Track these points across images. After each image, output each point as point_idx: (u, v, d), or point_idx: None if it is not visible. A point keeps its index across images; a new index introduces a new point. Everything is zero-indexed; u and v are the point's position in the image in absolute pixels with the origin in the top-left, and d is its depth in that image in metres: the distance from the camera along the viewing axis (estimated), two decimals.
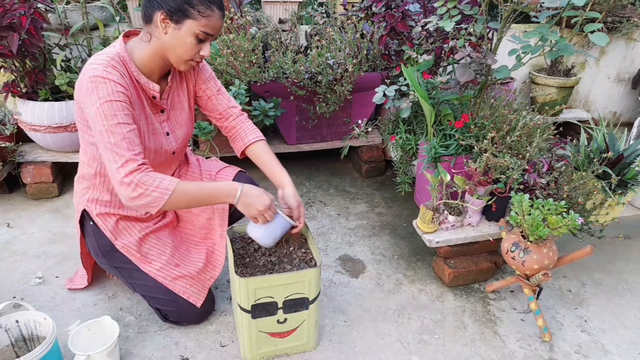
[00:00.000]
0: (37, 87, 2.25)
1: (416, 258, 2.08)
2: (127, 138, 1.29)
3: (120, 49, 1.36)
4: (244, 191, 1.38)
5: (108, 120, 1.27)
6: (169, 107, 1.53)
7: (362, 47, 2.38)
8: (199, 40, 1.32)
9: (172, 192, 1.29)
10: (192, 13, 1.27)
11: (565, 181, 1.76)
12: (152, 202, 1.29)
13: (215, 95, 1.61)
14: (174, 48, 1.33)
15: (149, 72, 1.42)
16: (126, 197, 1.29)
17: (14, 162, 2.31)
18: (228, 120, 1.65)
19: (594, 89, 3.46)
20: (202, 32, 1.30)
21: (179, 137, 1.57)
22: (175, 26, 1.29)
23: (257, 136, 1.63)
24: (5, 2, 1.99)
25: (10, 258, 1.94)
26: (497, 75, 1.73)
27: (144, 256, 1.54)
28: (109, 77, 1.29)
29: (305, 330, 1.50)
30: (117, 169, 1.27)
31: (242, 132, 1.64)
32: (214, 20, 1.30)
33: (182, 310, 1.57)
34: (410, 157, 2.19)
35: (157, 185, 1.28)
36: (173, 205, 1.33)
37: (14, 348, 1.41)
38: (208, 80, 1.59)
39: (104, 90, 1.28)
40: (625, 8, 3.14)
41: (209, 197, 1.38)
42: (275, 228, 1.44)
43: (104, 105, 1.27)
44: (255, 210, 1.38)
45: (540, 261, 1.56)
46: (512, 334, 1.68)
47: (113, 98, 1.28)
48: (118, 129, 1.28)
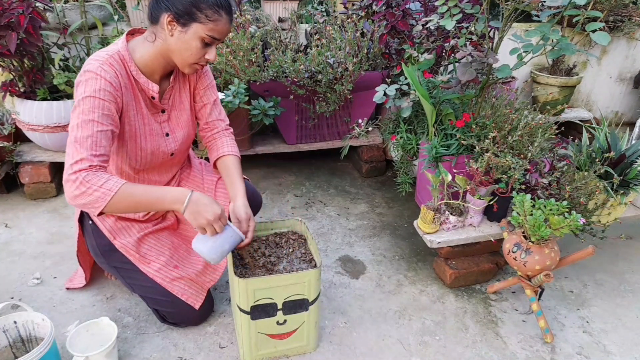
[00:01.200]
0: (36, 86, 2.24)
1: (417, 259, 2.07)
2: (94, 137, 1.24)
3: (122, 48, 1.35)
4: (192, 199, 1.28)
5: (84, 114, 1.24)
6: (170, 108, 1.51)
7: (362, 45, 2.37)
8: (204, 44, 1.31)
9: (115, 193, 1.22)
10: (199, 17, 1.26)
11: (567, 181, 1.75)
12: (94, 201, 1.22)
13: (211, 104, 1.60)
14: (180, 51, 1.32)
15: (150, 72, 1.41)
16: (69, 195, 1.23)
17: (12, 162, 2.30)
18: (212, 131, 1.64)
19: (596, 88, 3.45)
20: (208, 36, 1.29)
21: (179, 138, 1.55)
22: (182, 29, 1.28)
23: (231, 151, 1.60)
24: (3, 1, 1.98)
25: (8, 258, 1.93)
26: (499, 74, 1.72)
27: (143, 256, 1.53)
28: (101, 74, 1.27)
29: (305, 332, 1.49)
30: (69, 165, 1.22)
31: (219, 144, 1.62)
32: (221, 25, 1.29)
33: (180, 311, 1.55)
34: (411, 157, 2.18)
35: (100, 184, 1.21)
36: (116, 207, 1.24)
37: (12, 349, 1.40)
38: (208, 87, 1.58)
39: (92, 86, 1.26)
40: (626, 7, 3.13)
41: (154, 201, 1.28)
42: (223, 241, 1.33)
43: (85, 99, 1.25)
44: (203, 220, 1.28)
45: (542, 262, 1.55)
46: (513, 335, 1.67)
47: (97, 95, 1.26)
48: (89, 126, 1.24)
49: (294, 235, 1.64)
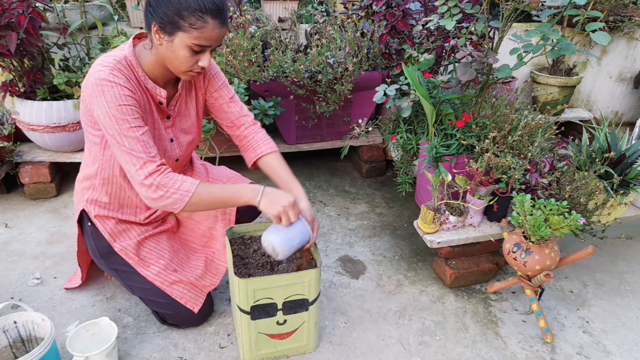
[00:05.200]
0: (36, 86, 2.24)
1: (417, 259, 2.07)
2: (141, 141, 1.29)
3: (129, 53, 1.34)
4: (266, 190, 1.34)
5: (119, 124, 1.27)
6: (175, 114, 1.50)
7: (362, 46, 2.37)
8: (194, 52, 1.26)
9: (192, 193, 1.30)
10: (183, 25, 1.21)
11: (567, 181, 1.75)
12: (174, 203, 1.30)
13: (228, 103, 1.57)
14: (170, 59, 1.30)
15: (154, 78, 1.39)
16: (148, 199, 1.31)
17: (12, 162, 2.29)
18: (240, 129, 1.60)
19: (596, 88, 3.45)
20: (194, 44, 1.24)
21: (183, 144, 1.54)
22: (169, 38, 1.25)
23: (270, 147, 1.58)
24: (3, 1, 1.98)
25: (8, 258, 1.93)
26: (499, 74, 1.72)
27: (142, 259, 1.53)
28: (115, 80, 1.27)
29: (305, 332, 1.49)
30: (136, 171, 1.28)
31: (254, 142, 1.59)
32: (207, 31, 1.23)
33: (179, 313, 1.56)
34: (411, 157, 2.18)
35: (177, 187, 1.29)
36: (195, 206, 1.32)
37: (12, 349, 1.40)
38: (220, 88, 1.55)
39: (111, 94, 1.26)
40: (626, 7, 3.13)
41: (231, 197, 1.35)
42: (294, 234, 1.33)
43: (112, 109, 1.27)
44: (280, 207, 1.30)
45: (542, 262, 1.55)
46: (513, 335, 1.67)
47: (121, 102, 1.27)
48: (130, 133, 1.28)
49: None
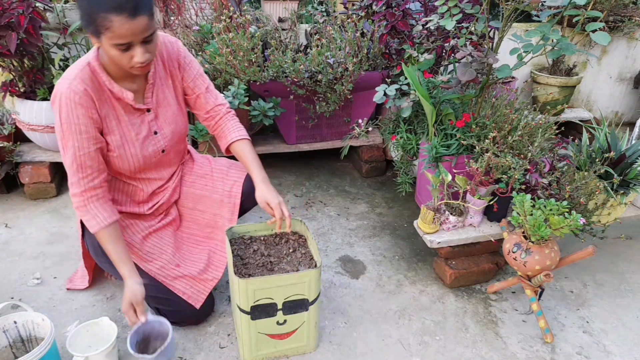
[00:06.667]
0: (36, 86, 2.24)
1: (417, 259, 2.07)
2: (77, 161, 1.36)
3: (92, 58, 1.35)
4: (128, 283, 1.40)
5: (62, 141, 1.36)
6: (155, 105, 1.50)
7: (362, 46, 2.37)
8: (122, 50, 1.24)
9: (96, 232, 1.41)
10: (98, 28, 1.21)
11: (567, 181, 1.75)
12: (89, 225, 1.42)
13: (204, 93, 1.58)
14: (111, 59, 1.30)
15: (118, 77, 1.40)
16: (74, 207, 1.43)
17: (12, 162, 2.29)
18: (215, 119, 1.63)
19: (596, 88, 3.45)
20: (114, 44, 1.23)
21: (167, 134, 1.54)
22: (97, 41, 1.26)
23: (239, 135, 1.61)
24: (3, 1, 1.98)
25: (8, 258, 1.93)
26: (499, 74, 1.72)
27: (145, 255, 1.53)
28: (70, 96, 1.31)
29: (305, 332, 1.49)
30: (70, 183, 1.40)
31: (226, 129, 1.62)
32: (117, 29, 1.19)
33: (180, 310, 1.55)
34: (411, 157, 2.18)
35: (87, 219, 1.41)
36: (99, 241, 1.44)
37: (12, 349, 1.40)
38: (196, 78, 1.56)
39: (65, 111, 1.32)
40: (626, 7, 3.13)
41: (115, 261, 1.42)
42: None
43: (62, 126, 1.34)
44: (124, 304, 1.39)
45: (542, 262, 1.55)
46: (513, 335, 1.67)
47: (70, 121, 1.33)
48: (70, 152, 1.35)
49: (294, 235, 1.63)
